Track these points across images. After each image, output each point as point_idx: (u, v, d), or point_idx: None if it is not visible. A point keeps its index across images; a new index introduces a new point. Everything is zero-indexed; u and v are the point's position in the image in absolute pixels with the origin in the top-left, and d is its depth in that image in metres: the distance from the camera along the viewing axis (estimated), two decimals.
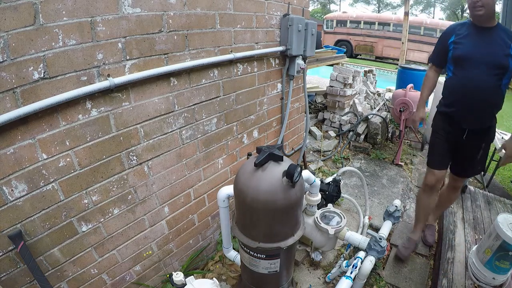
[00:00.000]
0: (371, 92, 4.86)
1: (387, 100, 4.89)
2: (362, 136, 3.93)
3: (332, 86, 4.03)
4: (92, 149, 1.23)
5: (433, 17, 27.88)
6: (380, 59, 14.24)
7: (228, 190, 1.49)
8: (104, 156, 1.28)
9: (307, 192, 1.69)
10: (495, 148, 2.93)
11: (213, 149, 1.84)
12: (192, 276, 1.34)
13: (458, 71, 1.74)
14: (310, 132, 4.04)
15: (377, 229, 2.35)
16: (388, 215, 2.08)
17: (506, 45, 1.59)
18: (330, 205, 1.87)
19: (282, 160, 1.19)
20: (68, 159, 1.17)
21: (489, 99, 1.68)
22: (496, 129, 2.42)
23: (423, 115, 2.07)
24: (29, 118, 1.02)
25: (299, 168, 1.12)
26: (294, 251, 1.51)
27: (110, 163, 1.31)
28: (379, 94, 4.92)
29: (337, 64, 5.28)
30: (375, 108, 4.56)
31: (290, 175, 1.09)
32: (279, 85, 2.28)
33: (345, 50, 9.35)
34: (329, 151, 3.73)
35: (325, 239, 1.73)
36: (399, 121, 3.68)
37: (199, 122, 1.68)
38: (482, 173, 3.21)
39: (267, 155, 1.16)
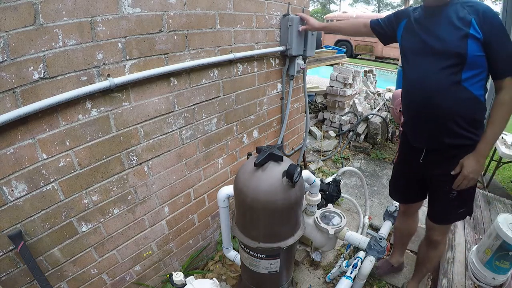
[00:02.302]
0: (371, 92, 4.86)
1: (387, 100, 4.88)
2: (362, 136, 3.93)
3: (332, 86, 4.03)
4: (92, 149, 1.23)
5: None
6: (380, 59, 14.23)
7: (228, 190, 1.49)
8: (104, 156, 1.28)
9: (307, 192, 1.69)
10: (495, 149, 2.93)
11: (213, 149, 1.84)
12: (192, 276, 1.34)
13: (405, 68, 1.37)
14: (310, 132, 4.03)
15: (377, 229, 2.35)
16: (388, 215, 2.08)
17: (464, 23, 1.13)
18: (330, 205, 1.87)
19: (282, 160, 1.19)
20: (68, 159, 1.17)
21: (442, 105, 1.21)
22: None
23: (310, 20, 1.94)
24: (29, 118, 1.02)
25: (299, 168, 1.12)
26: (294, 251, 1.51)
27: (110, 163, 1.31)
28: (379, 94, 4.92)
29: (337, 64, 5.28)
30: (375, 108, 4.56)
31: (290, 175, 1.09)
32: (279, 85, 2.28)
33: (345, 50, 9.33)
34: (329, 151, 3.73)
35: (325, 239, 1.73)
36: (399, 121, 3.67)
37: (199, 122, 1.68)
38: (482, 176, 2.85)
39: (267, 155, 1.16)
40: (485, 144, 1.23)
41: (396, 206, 2.08)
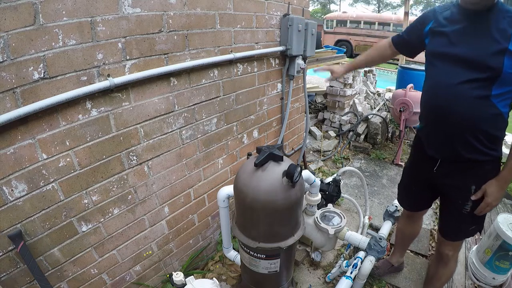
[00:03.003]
0: (371, 92, 4.86)
1: (387, 100, 4.88)
2: (362, 136, 3.93)
3: (332, 86, 4.03)
4: (92, 149, 1.23)
5: None
6: None
7: (228, 190, 1.49)
8: (104, 156, 1.28)
9: (307, 192, 1.69)
10: None
11: (213, 149, 1.84)
12: (192, 276, 1.34)
13: (430, 71, 1.29)
14: (310, 132, 4.03)
15: (377, 229, 2.35)
16: (388, 215, 2.08)
17: (503, 36, 1.03)
18: (330, 205, 1.87)
19: (282, 160, 1.19)
20: (68, 159, 1.17)
21: (465, 117, 1.14)
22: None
23: (334, 68, 1.64)
24: (29, 118, 1.02)
25: (299, 168, 1.12)
26: (294, 251, 1.51)
27: (110, 163, 1.31)
28: (379, 94, 4.92)
29: (337, 64, 5.28)
30: (375, 108, 4.56)
31: (290, 175, 1.09)
32: (279, 85, 2.28)
33: (345, 50, 9.35)
34: (329, 151, 3.73)
35: (325, 239, 1.73)
36: (399, 121, 3.68)
37: (199, 122, 1.68)
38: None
39: (267, 155, 1.16)
40: (509, 171, 1.18)
41: (396, 206, 2.08)
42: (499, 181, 1.20)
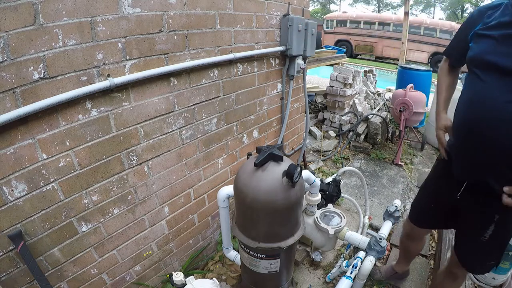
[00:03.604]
0: (371, 92, 4.86)
1: (387, 100, 4.89)
2: (362, 136, 3.93)
3: (332, 86, 4.03)
4: (92, 149, 1.23)
5: (433, 17, 27.90)
6: (380, 59, 14.24)
7: (228, 190, 1.49)
8: (104, 156, 1.28)
9: (307, 192, 1.69)
10: None
11: (213, 149, 1.84)
12: (192, 276, 1.34)
13: (469, 81, 1.10)
14: (310, 132, 4.04)
15: (377, 229, 2.35)
16: (388, 215, 2.08)
17: None
18: (330, 205, 1.87)
19: (282, 160, 1.19)
20: (68, 159, 1.17)
21: (505, 144, 0.96)
22: None
23: (445, 122, 1.28)
24: (29, 118, 1.02)
25: (299, 168, 1.12)
26: (294, 251, 1.51)
27: (110, 163, 1.31)
28: (379, 94, 4.92)
29: (337, 64, 5.28)
30: (375, 108, 4.56)
31: (290, 175, 1.09)
32: (279, 85, 2.28)
33: (345, 50, 9.34)
34: (329, 151, 3.73)
35: (325, 239, 1.73)
36: (399, 121, 3.68)
37: (199, 122, 1.68)
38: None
39: (267, 155, 1.16)
40: None
41: (396, 206, 2.08)
42: None
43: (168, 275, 1.61)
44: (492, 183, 1.04)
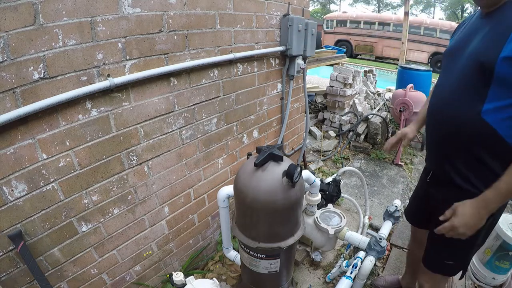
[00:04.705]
0: (371, 92, 4.86)
1: (387, 100, 4.89)
2: (362, 136, 3.93)
3: (332, 86, 4.03)
4: (92, 149, 1.23)
5: (433, 17, 27.91)
6: (380, 59, 14.24)
7: (228, 190, 1.49)
8: (104, 156, 1.28)
9: (307, 192, 1.69)
10: None
11: (213, 149, 1.84)
12: (192, 276, 1.34)
13: (440, 73, 1.16)
14: (310, 132, 4.04)
15: (377, 229, 2.35)
16: (388, 215, 2.08)
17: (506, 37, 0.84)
18: (330, 205, 1.87)
19: (282, 160, 1.19)
20: (68, 159, 1.17)
21: (457, 127, 0.97)
22: None
23: (407, 130, 1.38)
24: (29, 118, 1.02)
25: (299, 168, 1.12)
26: (294, 251, 1.51)
27: (110, 163, 1.31)
28: (379, 94, 4.92)
29: (337, 64, 5.28)
30: (375, 108, 4.56)
31: (290, 175, 1.09)
32: (279, 85, 2.28)
33: (345, 50, 9.35)
34: (329, 151, 3.73)
35: (325, 239, 1.73)
36: (399, 121, 3.68)
37: (199, 122, 1.68)
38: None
39: (267, 155, 1.16)
40: (495, 194, 0.89)
41: (396, 206, 2.08)
42: (477, 203, 0.92)
43: (168, 275, 1.61)
44: (448, 169, 1.07)
